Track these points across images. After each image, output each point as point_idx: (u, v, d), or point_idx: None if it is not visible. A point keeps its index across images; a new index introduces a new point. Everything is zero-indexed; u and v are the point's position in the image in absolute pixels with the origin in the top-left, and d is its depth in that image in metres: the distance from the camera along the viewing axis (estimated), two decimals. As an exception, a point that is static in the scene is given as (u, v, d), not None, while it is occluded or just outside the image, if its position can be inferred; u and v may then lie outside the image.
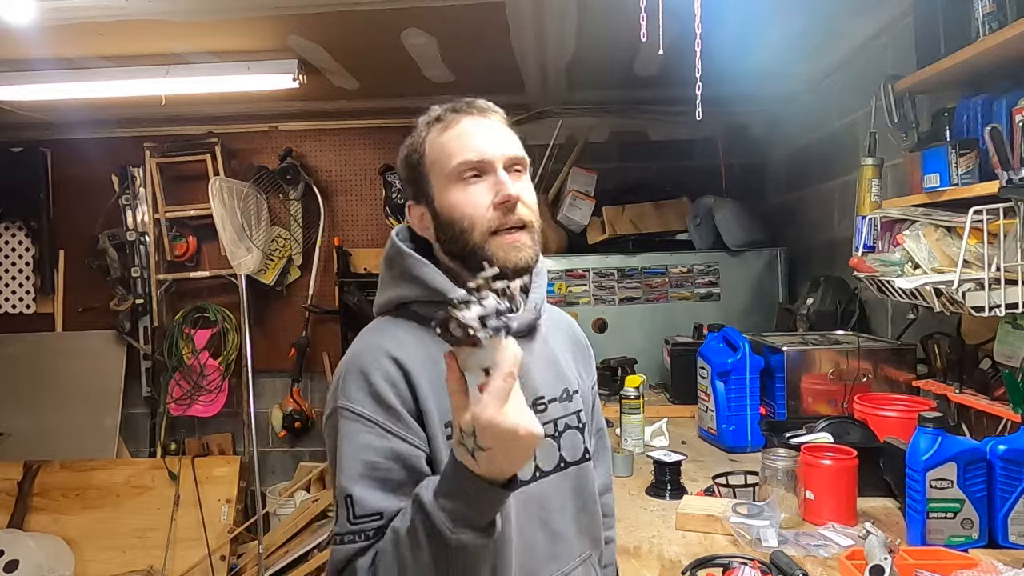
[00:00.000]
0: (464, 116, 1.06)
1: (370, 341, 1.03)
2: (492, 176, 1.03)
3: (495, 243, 1.01)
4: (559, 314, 1.28)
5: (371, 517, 0.92)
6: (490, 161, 1.03)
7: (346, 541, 0.92)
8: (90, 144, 4.00)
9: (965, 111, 1.77)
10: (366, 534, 0.92)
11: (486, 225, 1.01)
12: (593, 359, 1.30)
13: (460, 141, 1.04)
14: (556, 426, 1.10)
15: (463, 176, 1.03)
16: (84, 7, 2.23)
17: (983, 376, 1.87)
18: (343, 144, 4.07)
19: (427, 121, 1.10)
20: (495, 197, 1.01)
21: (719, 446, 2.27)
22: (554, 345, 1.17)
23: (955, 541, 1.42)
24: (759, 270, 3.37)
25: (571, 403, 1.14)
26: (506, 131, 1.08)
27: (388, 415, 0.96)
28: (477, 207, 1.02)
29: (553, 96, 3.62)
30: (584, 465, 1.13)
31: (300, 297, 4.02)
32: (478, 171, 1.03)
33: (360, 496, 0.93)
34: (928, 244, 1.73)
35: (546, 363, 1.13)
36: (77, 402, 3.99)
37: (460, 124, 1.06)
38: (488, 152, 1.03)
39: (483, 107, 1.08)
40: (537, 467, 1.06)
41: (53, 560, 3.56)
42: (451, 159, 1.03)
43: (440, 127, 1.07)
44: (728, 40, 2.23)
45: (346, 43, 2.74)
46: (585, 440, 1.14)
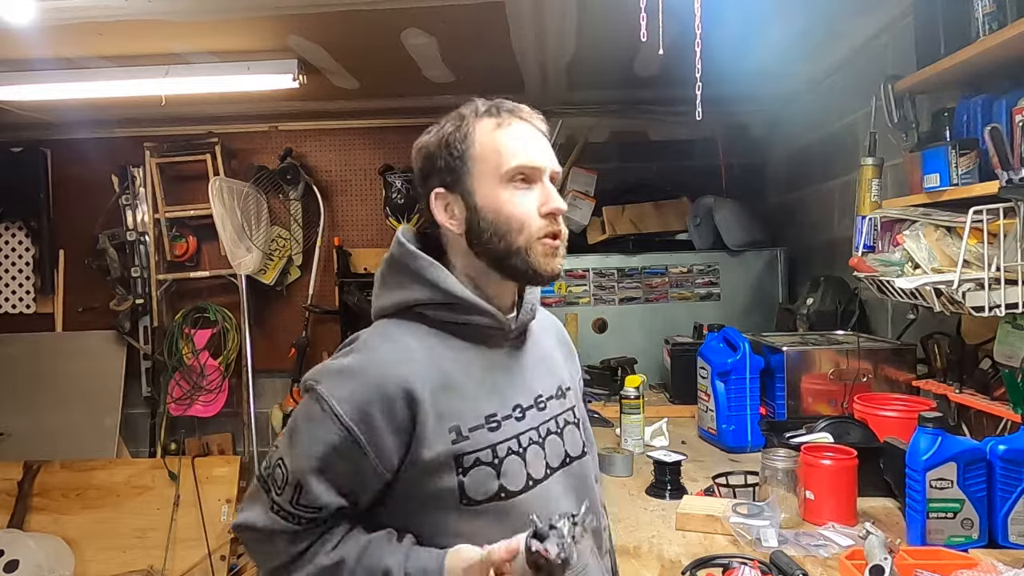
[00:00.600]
0: (518, 120, 1.06)
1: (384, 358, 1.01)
2: (539, 185, 1.05)
3: (538, 248, 1.04)
4: (544, 314, 1.29)
5: (312, 509, 0.98)
6: (541, 171, 1.05)
7: (280, 515, 0.99)
8: (90, 144, 3.99)
9: (965, 111, 1.77)
10: (300, 519, 0.99)
11: (534, 231, 1.03)
12: (576, 356, 1.33)
13: (517, 144, 1.04)
14: (557, 423, 1.12)
15: (514, 179, 1.04)
16: (84, 7, 2.23)
17: (983, 376, 1.87)
18: (343, 144, 4.07)
19: (475, 112, 1.07)
20: (543, 206, 1.04)
21: (719, 446, 2.27)
22: (545, 344, 1.20)
23: (955, 541, 1.42)
24: (759, 270, 3.38)
25: (566, 399, 1.16)
26: (546, 141, 1.10)
27: (367, 431, 0.97)
28: (528, 213, 1.04)
29: (553, 96, 3.62)
30: (586, 459, 1.16)
31: (300, 297, 4.02)
32: (529, 179, 1.05)
33: (309, 487, 0.97)
34: (928, 244, 1.73)
35: (542, 362, 1.16)
36: (77, 402, 3.99)
37: (516, 127, 1.06)
38: (540, 162, 1.05)
39: (532, 115, 1.09)
40: (547, 464, 1.08)
41: (53, 560, 3.56)
42: (507, 160, 1.03)
43: (493, 123, 1.05)
44: (728, 40, 2.23)
45: (346, 43, 2.74)
46: (582, 435, 1.17)
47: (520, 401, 1.08)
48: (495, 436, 1.02)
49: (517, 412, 1.06)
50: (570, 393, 1.18)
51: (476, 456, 1.00)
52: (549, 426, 1.10)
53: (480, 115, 1.06)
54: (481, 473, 1.00)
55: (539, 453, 1.07)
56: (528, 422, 1.07)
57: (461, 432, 1.00)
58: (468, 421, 1.01)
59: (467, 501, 1.00)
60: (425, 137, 1.09)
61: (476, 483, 1.00)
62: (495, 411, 1.04)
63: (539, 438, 1.08)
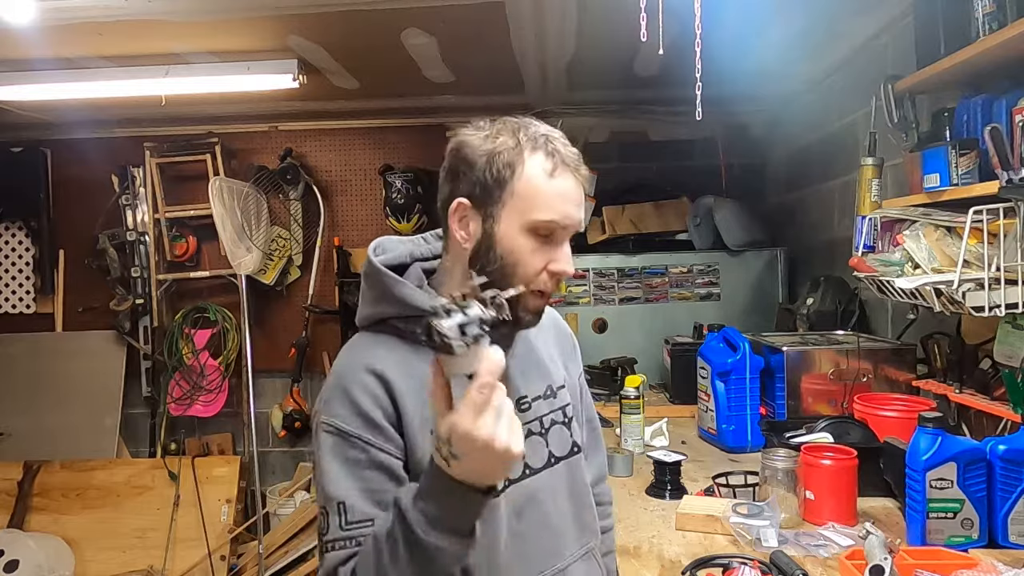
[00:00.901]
0: (571, 174, 1.02)
1: (351, 359, 1.04)
2: (558, 244, 1.02)
3: (530, 301, 1.02)
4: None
5: (364, 523, 0.93)
6: (567, 230, 1.03)
7: (338, 547, 0.93)
8: (90, 144, 4.00)
9: (965, 111, 1.77)
10: (358, 540, 0.93)
11: (531, 282, 1.02)
12: (578, 349, 1.32)
13: (559, 200, 1.01)
14: (542, 423, 1.12)
15: (539, 231, 1.01)
16: (84, 7, 2.23)
17: (983, 376, 1.87)
18: (343, 144, 4.07)
19: (533, 143, 1.02)
20: (553, 264, 1.02)
21: (719, 446, 2.27)
22: (538, 342, 1.18)
23: (955, 541, 1.42)
24: (759, 270, 3.37)
25: (556, 399, 1.15)
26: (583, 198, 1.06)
27: (370, 429, 0.97)
28: (535, 266, 1.02)
29: (553, 96, 3.62)
30: (574, 459, 1.15)
31: (300, 297, 4.02)
32: (554, 234, 1.02)
33: (353, 504, 0.94)
34: (928, 244, 1.73)
35: (529, 362, 1.15)
36: (77, 402, 3.99)
37: (566, 180, 1.02)
38: (573, 221, 1.02)
39: (579, 167, 1.04)
40: (527, 465, 1.07)
41: (53, 560, 3.56)
42: (544, 211, 1.00)
43: (549, 167, 1.01)
44: (728, 40, 2.23)
45: (346, 43, 2.74)
46: (573, 434, 1.16)
47: None
48: None
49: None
50: (562, 392, 1.16)
51: None
52: (531, 427, 1.09)
53: (536, 149, 1.01)
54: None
55: None
56: None
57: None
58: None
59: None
60: (473, 138, 1.04)
61: None
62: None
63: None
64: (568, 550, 1.11)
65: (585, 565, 1.13)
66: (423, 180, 3.75)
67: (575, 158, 1.04)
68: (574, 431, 1.16)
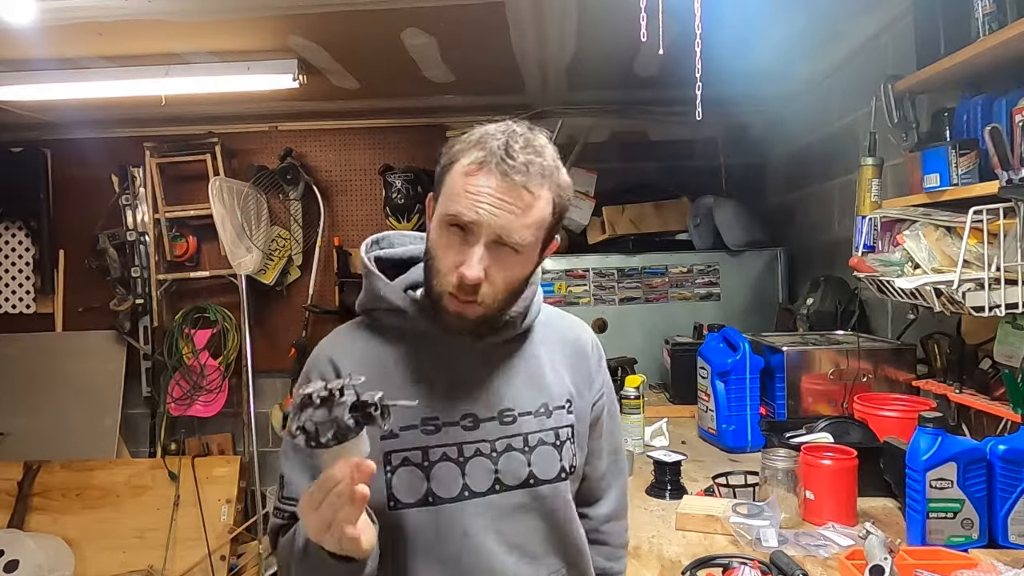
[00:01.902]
0: (491, 172, 0.96)
1: (319, 350, 1.12)
2: (472, 245, 0.96)
3: (445, 302, 1.00)
4: (564, 321, 1.22)
5: (293, 500, 1.02)
6: (476, 230, 0.96)
7: (276, 516, 1.06)
8: (90, 144, 4.00)
9: (965, 111, 1.77)
10: (285, 513, 1.04)
11: (444, 283, 0.99)
12: (602, 372, 1.22)
13: (468, 193, 0.96)
14: (527, 441, 1.06)
15: (450, 225, 0.98)
16: (84, 7, 2.23)
17: (983, 376, 1.87)
18: (343, 144, 4.07)
19: (472, 139, 1.00)
20: (459, 266, 0.97)
21: (719, 446, 2.27)
22: (545, 356, 1.13)
23: (955, 541, 1.42)
24: (759, 270, 3.37)
25: (549, 419, 1.09)
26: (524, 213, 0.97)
27: None
28: (446, 260, 0.98)
29: (553, 96, 3.62)
30: (558, 485, 1.08)
31: (300, 297, 4.02)
32: (466, 232, 0.97)
33: (290, 479, 1.05)
34: (928, 244, 1.73)
35: (526, 375, 1.10)
36: (77, 402, 3.99)
37: (481, 177, 0.96)
38: (479, 220, 0.95)
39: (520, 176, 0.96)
40: (499, 480, 1.04)
41: (53, 560, 3.56)
42: (451, 203, 0.97)
43: (471, 162, 0.97)
44: (728, 40, 2.22)
45: (346, 43, 2.73)
46: (563, 458, 1.09)
47: (475, 411, 1.05)
48: (430, 439, 1.03)
49: (467, 421, 1.04)
50: (559, 413, 1.10)
51: (405, 455, 1.02)
52: (512, 442, 1.05)
53: (477, 148, 0.98)
54: (408, 473, 1.02)
55: (486, 466, 1.04)
56: (481, 433, 1.04)
57: (392, 430, 1.02)
58: (401, 420, 1.01)
59: (394, 503, 1.01)
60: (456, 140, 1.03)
61: (402, 482, 1.02)
62: (436, 415, 1.04)
63: (491, 452, 1.04)
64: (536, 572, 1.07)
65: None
66: (423, 180, 3.75)
67: (519, 164, 0.96)
68: (565, 455, 1.09)
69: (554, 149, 1.04)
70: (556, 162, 1.03)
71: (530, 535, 1.07)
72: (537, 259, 1.05)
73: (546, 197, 1.00)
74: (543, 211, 1.00)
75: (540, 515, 1.08)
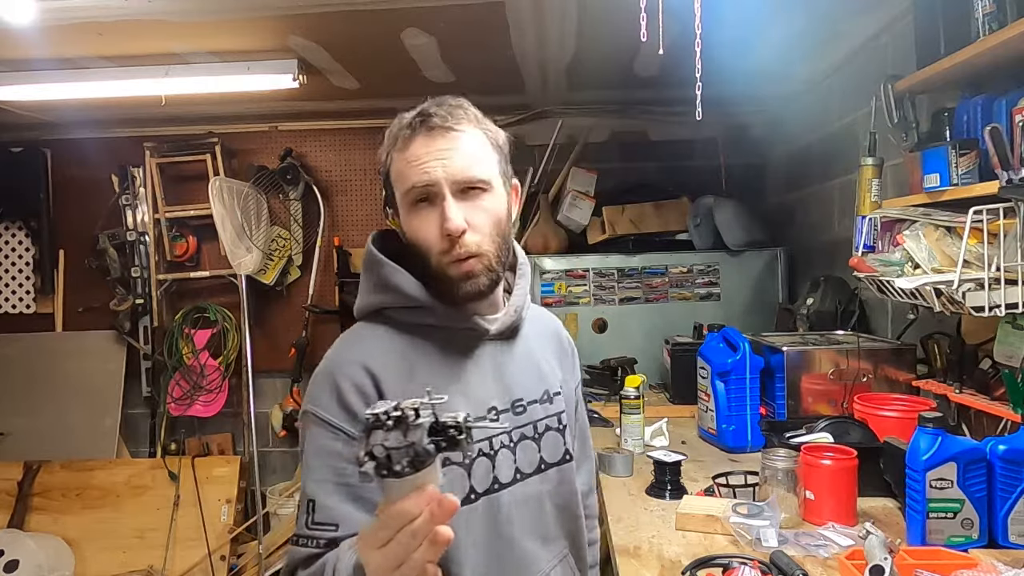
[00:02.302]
0: (417, 136, 1.01)
1: (343, 350, 1.05)
2: (440, 203, 1.00)
3: (450, 271, 1.02)
4: (545, 315, 1.28)
5: (327, 526, 0.93)
6: (436, 187, 0.99)
7: (300, 544, 0.94)
8: (90, 144, 4.00)
9: (965, 111, 1.77)
10: (318, 541, 0.93)
11: (438, 254, 1.01)
12: (578, 361, 1.31)
13: (410, 166, 1.01)
14: (536, 428, 1.10)
15: (414, 203, 1.02)
16: (84, 7, 2.23)
17: (983, 376, 1.87)
18: (343, 144, 4.07)
19: (391, 135, 1.05)
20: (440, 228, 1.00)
21: (719, 446, 2.27)
22: (536, 347, 1.17)
23: (955, 541, 1.42)
24: (759, 270, 3.37)
25: (552, 405, 1.14)
26: (464, 145, 1.01)
27: (352, 422, 0.97)
28: (428, 234, 1.01)
29: (553, 96, 3.62)
30: (565, 466, 1.14)
31: (300, 297, 4.02)
32: (426, 197, 1.01)
33: (322, 503, 0.94)
34: (928, 244, 1.73)
35: (527, 365, 1.13)
36: (77, 402, 3.99)
37: (412, 145, 1.01)
38: (434, 177, 0.99)
39: (441, 120, 1.01)
40: (518, 468, 1.07)
41: (53, 560, 3.56)
42: (403, 183, 1.02)
43: (400, 145, 1.03)
44: (728, 40, 2.23)
45: (346, 43, 2.73)
46: (566, 442, 1.14)
47: (495, 403, 1.06)
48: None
49: (491, 414, 1.05)
50: (558, 399, 1.15)
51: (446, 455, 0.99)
52: (525, 431, 1.09)
53: (394, 137, 1.03)
54: (452, 473, 0.99)
55: (509, 457, 1.06)
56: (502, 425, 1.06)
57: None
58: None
59: None
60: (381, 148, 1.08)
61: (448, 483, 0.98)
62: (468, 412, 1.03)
63: (510, 442, 1.06)
64: (550, 556, 1.10)
65: (562, 572, 1.12)
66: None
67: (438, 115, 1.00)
68: (567, 439, 1.15)
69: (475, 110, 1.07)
70: (476, 111, 1.07)
71: (544, 519, 1.10)
72: (507, 198, 1.08)
73: (476, 133, 1.04)
74: (480, 143, 1.04)
75: (552, 499, 1.11)
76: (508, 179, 1.09)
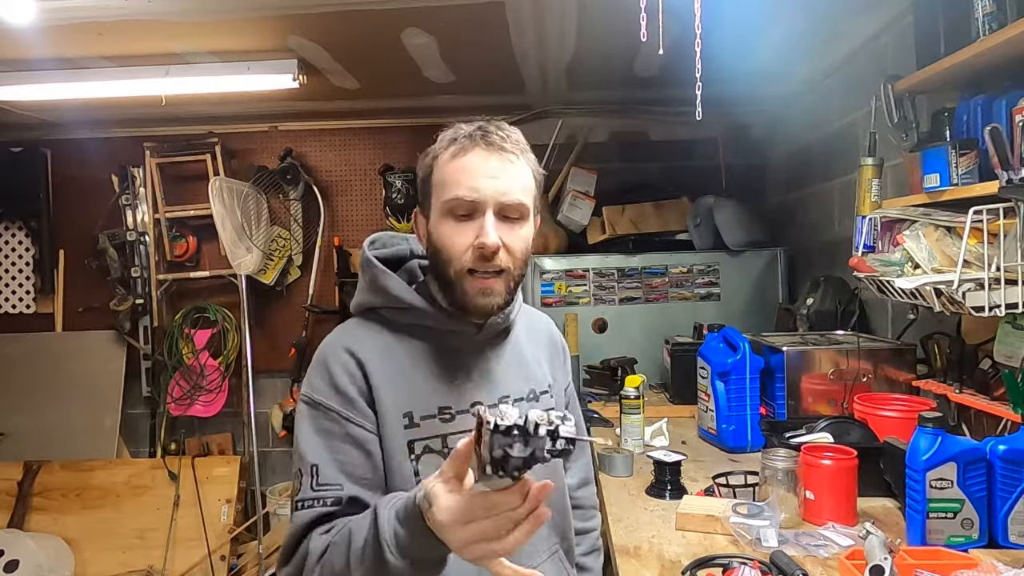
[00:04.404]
0: (475, 147, 1.04)
1: (334, 340, 1.11)
2: (481, 219, 1.03)
3: (469, 283, 1.05)
4: (536, 315, 1.33)
5: (333, 486, 0.99)
6: (481, 204, 1.03)
7: (307, 506, 0.99)
8: (90, 144, 4.00)
9: (965, 111, 1.77)
10: (325, 501, 0.98)
11: (462, 264, 1.04)
12: (569, 360, 1.35)
13: (462, 175, 1.04)
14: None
15: (454, 212, 1.04)
16: (84, 7, 2.23)
17: (983, 376, 1.87)
18: (343, 144, 4.07)
19: (446, 138, 1.08)
20: (475, 240, 1.03)
21: (719, 446, 2.27)
22: (527, 346, 1.22)
23: (955, 541, 1.42)
24: (759, 270, 3.37)
25: (538, 403, 1.18)
26: (515, 171, 1.05)
27: (345, 403, 1.03)
28: (457, 246, 1.04)
29: (553, 96, 3.62)
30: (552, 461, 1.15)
31: (300, 297, 4.02)
32: (468, 211, 1.04)
33: (324, 468, 1.01)
34: (928, 244, 1.73)
35: (515, 365, 1.18)
36: (77, 402, 3.99)
37: (468, 156, 1.04)
38: (482, 194, 1.03)
39: (499, 140, 1.05)
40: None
41: (53, 560, 3.56)
42: (448, 191, 1.05)
43: (453, 151, 1.06)
44: (728, 40, 2.23)
45: (346, 43, 2.74)
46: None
47: (480, 399, 1.10)
48: (447, 427, 1.06)
49: (475, 408, 1.09)
50: (545, 397, 1.19)
51: (426, 444, 1.05)
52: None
53: (448, 142, 1.07)
54: (434, 461, 1.03)
55: None
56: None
57: (413, 419, 1.05)
58: (420, 410, 1.06)
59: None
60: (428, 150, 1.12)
61: (427, 469, 1.03)
62: (449, 404, 1.08)
63: None
64: (538, 551, 1.14)
65: (552, 566, 1.15)
66: (423, 180, 3.75)
67: (497, 136, 1.04)
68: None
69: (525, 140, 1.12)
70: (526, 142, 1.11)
71: None
72: (533, 230, 1.12)
73: (524, 163, 1.08)
74: (527, 174, 1.08)
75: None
76: (537, 212, 1.14)
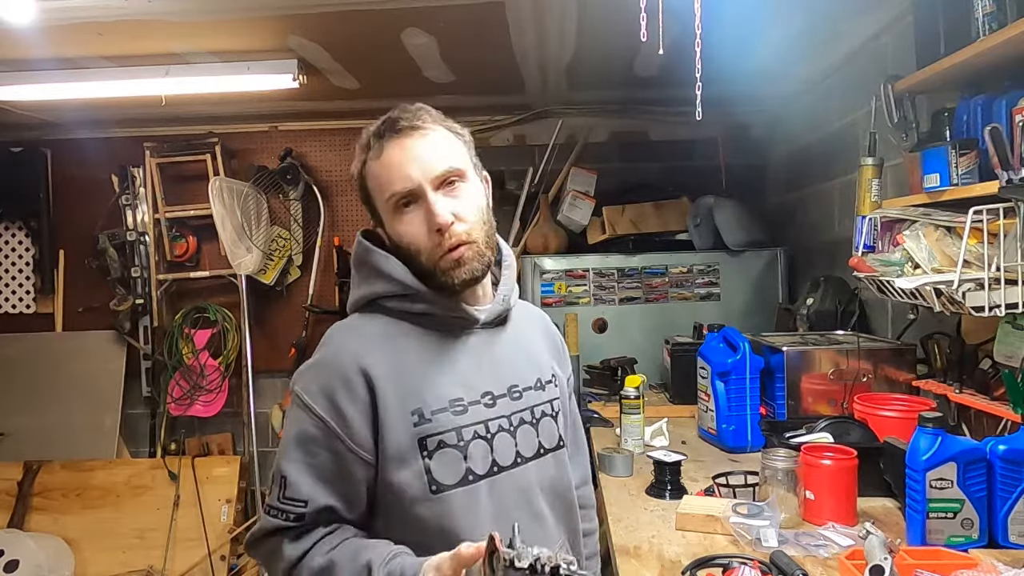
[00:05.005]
0: (387, 142, 1.07)
1: (343, 345, 1.07)
2: (424, 202, 1.05)
3: (442, 264, 1.06)
4: (531, 308, 1.32)
5: (297, 502, 1.00)
6: (418, 187, 1.05)
7: (272, 515, 1.02)
8: (90, 144, 3.99)
9: (965, 111, 1.77)
10: (288, 515, 1.00)
11: (429, 251, 1.06)
12: (567, 354, 1.34)
13: (387, 172, 1.06)
14: (533, 413, 1.13)
15: (398, 207, 1.06)
16: (84, 7, 2.23)
17: (983, 376, 1.87)
18: (343, 144, 4.06)
19: (361, 146, 1.11)
20: (428, 224, 1.04)
21: (719, 446, 2.27)
22: (527, 335, 1.21)
23: (955, 541, 1.42)
24: (759, 270, 3.37)
25: (544, 392, 1.17)
26: (434, 141, 1.07)
27: (334, 414, 1.01)
28: (416, 236, 1.06)
29: (553, 96, 3.62)
30: (559, 452, 1.17)
31: (300, 297, 4.02)
32: (409, 200, 1.06)
33: (294, 480, 1.01)
34: (928, 244, 1.73)
35: (518, 352, 1.17)
36: (77, 402, 3.99)
37: (385, 152, 1.06)
38: (414, 179, 1.04)
39: (407, 124, 1.06)
40: (519, 452, 1.09)
41: (53, 560, 3.56)
42: (384, 191, 1.07)
43: (372, 155, 1.08)
44: (728, 40, 2.22)
45: (346, 43, 2.74)
46: (559, 428, 1.18)
47: (491, 388, 1.09)
48: (460, 419, 1.04)
49: (487, 399, 1.08)
50: (550, 386, 1.18)
51: (440, 438, 1.03)
52: (523, 416, 1.11)
53: (364, 149, 1.10)
54: (447, 455, 1.02)
55: (509, 441, 1.08)
56: (499, 410, 1.09)
57: (424, 415, 1.02)
58: (431, 404, 1.03)
59: (435, 487, 1.01)
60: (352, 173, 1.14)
61: (443, 465, 1.02)
62: (461, 396, 1.06)
63: (510, 426, 1.09)
64: (551, 540, 1.12)
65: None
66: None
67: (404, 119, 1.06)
68: (560, 425, 1.18)
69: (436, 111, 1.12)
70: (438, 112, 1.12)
71: (542, 505, 1.12)
72: (482, 187, 1.13)
73: (442, 130, 1.09)
74: (448, 138, 1.09)
75: (550, 484, 1.14)
76: (479, 170, 1.14)
